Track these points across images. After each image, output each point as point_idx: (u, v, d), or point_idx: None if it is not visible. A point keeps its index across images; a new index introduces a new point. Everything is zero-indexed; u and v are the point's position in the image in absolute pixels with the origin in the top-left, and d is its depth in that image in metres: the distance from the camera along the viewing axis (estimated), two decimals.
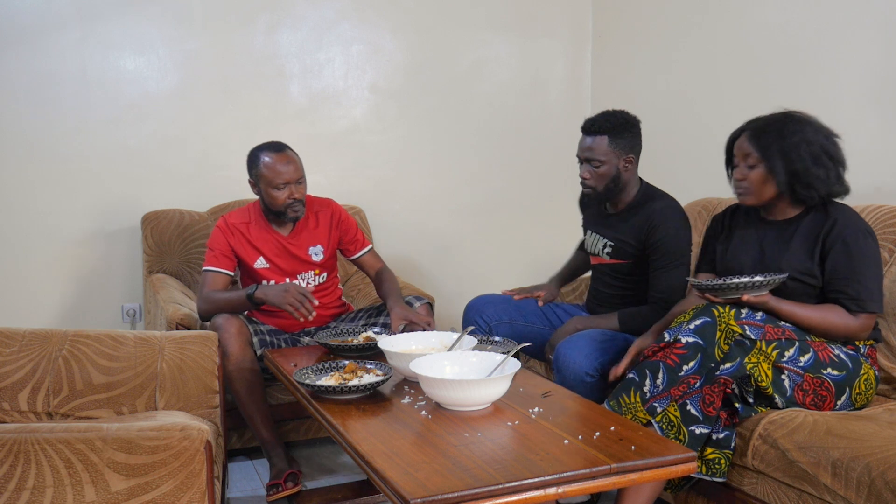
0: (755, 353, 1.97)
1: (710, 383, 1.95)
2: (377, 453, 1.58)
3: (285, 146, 2.65)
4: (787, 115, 2.14)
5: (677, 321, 2.04)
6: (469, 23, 3.81)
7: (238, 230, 2.67)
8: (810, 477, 1.79)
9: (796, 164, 2.06)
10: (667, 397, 1.97)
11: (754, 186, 2.13)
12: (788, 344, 2.01)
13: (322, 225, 2.76)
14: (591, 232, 2.67)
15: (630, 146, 2.48)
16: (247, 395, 2.48)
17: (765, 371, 1.97)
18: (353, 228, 2.83)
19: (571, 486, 1.48)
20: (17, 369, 2.07)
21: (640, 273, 2.52)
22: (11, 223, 3.20)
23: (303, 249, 2.72)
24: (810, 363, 2.01)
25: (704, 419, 1.94)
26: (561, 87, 4.00)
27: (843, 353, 2.06)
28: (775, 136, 2.09)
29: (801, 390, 2.00)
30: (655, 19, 3.59)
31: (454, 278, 3.85)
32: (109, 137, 3.28)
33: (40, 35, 3.15)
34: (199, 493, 1.67)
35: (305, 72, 3.55)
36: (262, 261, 2.68)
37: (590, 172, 2.49)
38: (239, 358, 2.46)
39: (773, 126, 2.11)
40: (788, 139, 2.07)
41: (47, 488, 1.59)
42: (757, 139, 2.11)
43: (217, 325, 2.48)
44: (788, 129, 2.08)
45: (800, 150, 2.06)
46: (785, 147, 2.07)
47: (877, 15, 2.61)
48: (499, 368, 1.90)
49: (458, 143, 3.85)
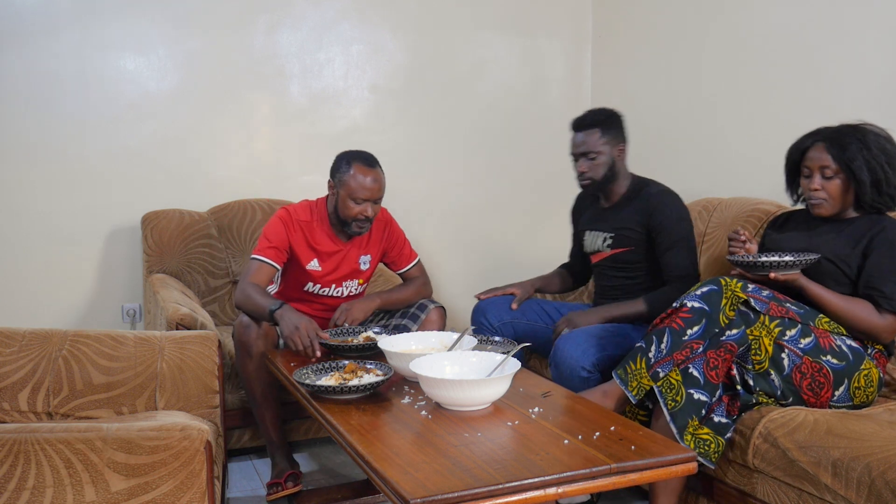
0: (758, 327, 2.00)
1: (714, 348, 1.99)
2: (377, 453, 1.58)
3: (376, 162, 2.59)
4: (856, 126, 2.18)
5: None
6: (469, 23, 3.81)
7: (300, 227, 2.60)
8: (811, 476, 1.79)
9: (879, 172, 2.11)
10: (669, 362, 1.99)
11: (833, 197, 2.17)
12: (791, 324, 2.03)
13: (375, 232, 2.70)
14: (590, 231, 2.71)
15: (620, 137, 2.61)
16: (262, 397, 2.48)
17: (765, 346, 2.00)
18: (401, 240, 2.77)
19: (571, 486, 1.48)
20: (17, 369, 2.07)
21: (643, 259, 2.57)
22: (11, 223, 3.20)
23: (355, 258, 2.68)
24: (810, 347, 2.03)
25: (705, 384, 1.97)
26: (561, 87, 4.00)
27: (845, 344, 2.07)
28: (858, 146, 2.12)
29: (799, 372, 2.02)
30: (655, 19, 3.59)
31: (454, 279, 3.85)
32: (109, 137, 3.28)
33: (40, 35, 3.15)
34: (199, 493, 1.67)
35: (305, 72, 3.55)
36: (315, 262, 2.62)
37: (587, 165, 2.58)
38: (262, 359, 2.43)
39: (852, 136, 2.14)
40: (871, 149, 2.12)
41: (47, 488, 1.59)
42: (839, 149, 2.14)
43: (245, 324, 2.45)
44: (869, 139, 2.13)
45: (881, 159, 2.11)
46: (868, 156, 2.11)
47: (879, 16, 2.61)
48: (499, 368, 1.90)
49: (459, 143, 3.85)
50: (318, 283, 2.65)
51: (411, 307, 2.69)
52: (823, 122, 2.80)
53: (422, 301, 2.70)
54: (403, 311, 2.69)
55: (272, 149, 3.54)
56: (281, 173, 3.55)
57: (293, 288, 2.68)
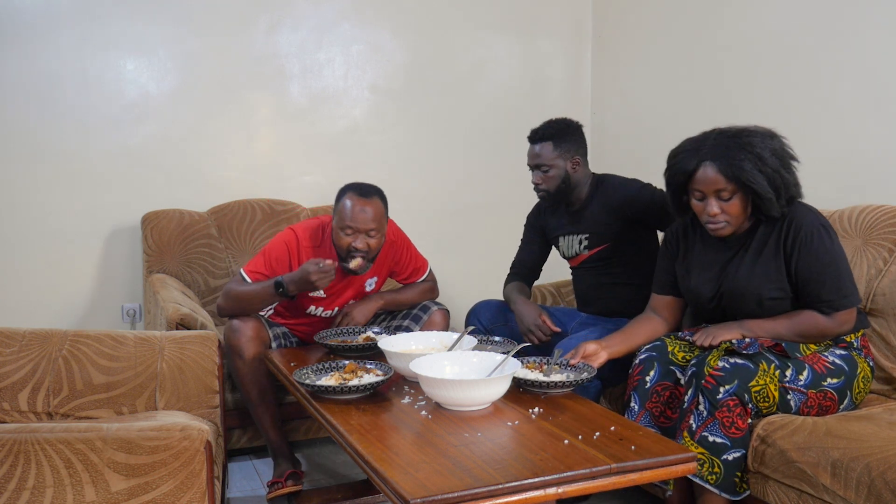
0: (762, 375, 1.93)
1: (717, 408, 1.90)
2: (377, 453, 1.58)
3: (375, 193, 2.46)
4: (731, 133, 2.00)
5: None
6: (469, 23, 3.81)
7: (304, 252, 2.50)
8: (809, 477, 1.79)
9: (777, 180, 1.96)
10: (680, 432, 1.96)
11: (735, 216, 2.02)
12: (783, 363, 1.98)
13: (380, 254, 2.57)
14: (564, 237, 2.70)
15: (575, 149, 2.60)
16: (259, 399, 2.47)
17: (772, 393, 1.95)
18: (408, 256, 2.69)
19: (571, 486, 1.48)
20: (18, 369, 2.07)
21: (621, 254, 2.58)
22: (12, 223, 3.20)
23: (360, 283, 2.60)
24: (810, 380, 1.99)
25: (734, 443, 1.91)
26: (561, 87, 4.00)
27: (836, 357, 2.05)
28: (751, 160, 1.95)
29: (806, 406, 2.00)
30: (655, 20, 3.59)
31: (454, 279, 3.84)
32: (109, 137, 3.28)
33: (40, 35, 3.15)
34: (199, 493, 1.67)
35: (305, 72, 3.55)
36: (319, 291, 2.50)
37: (540, 177, 2.61)
38: (255, 362, 2.43)
39: (740, 149, 1.96)
40: (763, 158, 1.95)
41: (47, 488, 1.59)
42: (732, 168, 1.96)
43: (234, 328, 2.43)
44: (757, 147, 1.96)
45: (775, 164, 1.96)
46: (762, 167, 1.95)
47: (877, 18, 2.60)
48: (499, 368, 1.90)
49: (459, 144, 3.85)
50: (321, 306, 2.59)
51: (414, 308, 2.68)
52: (823, 122, 2.80)
53: (425, 302, 2.69)
54: (406, 312, 2.68)
55: (272, 149, 3.54)
56: (281, 173, 3.55)
57: (293, 309, 2.61)
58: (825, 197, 2.67)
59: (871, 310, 2.26)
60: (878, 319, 2.25)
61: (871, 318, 2.26)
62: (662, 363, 2.08)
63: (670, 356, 2.09)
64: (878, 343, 2.23)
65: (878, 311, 2.25)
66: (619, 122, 3.80)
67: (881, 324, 2.24)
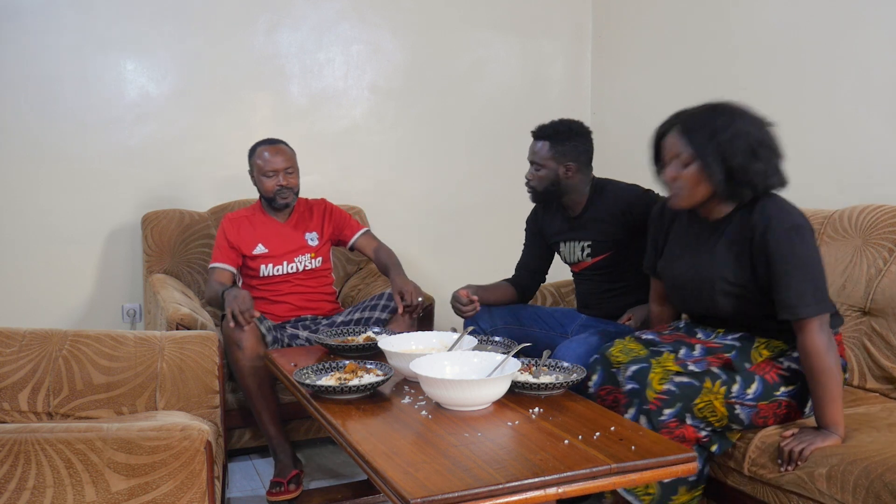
0: (706, 393, 1.89)
1: (658, 429, 1.87)
2: (377, 453, 1.58)
3: (279, 140, 2.86)
4: (717, 107, 1.95)
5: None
6: (469, 23, 3.81)
7: (238, 222, 2.84)
8: (805, 483, 1.79)
9: (733, 160, 1.88)
10: None
11: (687, 187, 1.96)
12: (731, 378, 1.92)
13: (316, 216, 2.96)
14: (565, 243, 2.68)
15: (573, 155, 2.53)
16: (257, 391, 2.51)
17: (719, 408, 1.91)
18: (346, 217, 3.00)
19: (571, 486, 1.48)
20: (18, 369, 2.07)
21: (624, 262, 2.56)
22: (12, 223, 3.20)
23: (300, 234, 2.89)
24: (760, 392, 1.92)
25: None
26: (560, 87, 4.00)
27: (793, 360, 1.97)
28: (708, 130, 1.90)
29: (759, 417, 1.94)
30: (655, 20, 3.59)
31: (454, 279, 3.83)
32: (109, 137, 3.28)
33: (40, 35, 3.15)
34: (199, 494, 1.67)
35: (305, 72, 3.55)
36: (261, 247, 2.82)
37: (531, 174, 2.60)
38: (254, 353, 2.49)
39: (704, 120, 1.93)
40: (722, 133, 1.89)
41: (47, 488, 1.59)
42: (689, 135, 1.93)
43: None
44: (721, 123, 1.90)
45: (735, 144, 1.88)
46: (720, 142, 1.89)
47: (878, 17, 2.61)
48: (499, 368, 1.90)
49: (458, 143, 3.85)
50: (270, 262, 2.83)
51: (373, 300, 2.81)
52: (823, 122, 2.80)
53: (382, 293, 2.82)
54: (373, 306, 2.78)
55: None
56: None
57: (253, 278, 2.85)
58: (825, 197, 2.68)
59: (872, 310, 2.26)
60: (878, 319, 2.24)
61: (872, 318, 2.25)
62: (605, 367, 2.04)
63: (612, 358, 2.04)
64: (879, 343, 2.23)
65: (879, 311, 2.24)
66: (619, 122, 3.80)
67: (881, 324, 2.23)
